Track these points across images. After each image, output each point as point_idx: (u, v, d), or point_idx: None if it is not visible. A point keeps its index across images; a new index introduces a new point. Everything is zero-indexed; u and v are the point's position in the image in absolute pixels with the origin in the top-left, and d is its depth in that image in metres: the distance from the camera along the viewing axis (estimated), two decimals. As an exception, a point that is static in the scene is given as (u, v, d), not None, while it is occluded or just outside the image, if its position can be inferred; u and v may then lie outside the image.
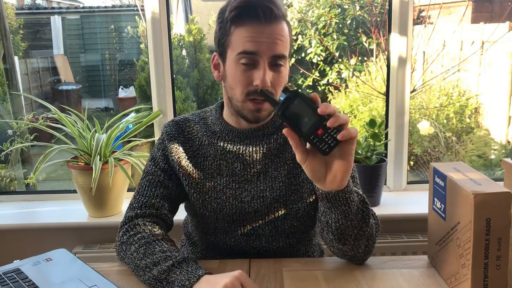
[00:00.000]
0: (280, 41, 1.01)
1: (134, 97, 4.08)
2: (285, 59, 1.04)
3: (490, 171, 3.14)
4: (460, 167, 0.98)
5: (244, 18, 1.01)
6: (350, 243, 0.99)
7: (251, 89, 1.02)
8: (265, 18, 1.00)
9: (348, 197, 0.92)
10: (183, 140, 1.14)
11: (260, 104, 1.03)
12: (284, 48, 1.02)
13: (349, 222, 0.95)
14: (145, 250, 0.99)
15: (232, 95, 1.06)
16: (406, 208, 1.86)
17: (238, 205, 1.10)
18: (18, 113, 2.67)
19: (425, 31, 3.02)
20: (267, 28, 1.00)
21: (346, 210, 0.93)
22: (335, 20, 4.16)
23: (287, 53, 1.04)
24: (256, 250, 1.13)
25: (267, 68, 1.01)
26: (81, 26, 5.02)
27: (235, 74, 1.03)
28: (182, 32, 4.01)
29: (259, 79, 1.00)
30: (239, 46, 1.01)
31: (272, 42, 1.00)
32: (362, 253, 1.03)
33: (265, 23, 1.00)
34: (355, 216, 0.95)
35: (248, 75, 1.02)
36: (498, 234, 0.85)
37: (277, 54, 1.01)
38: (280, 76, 1.04)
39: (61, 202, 2.04)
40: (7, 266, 1.04)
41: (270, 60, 1.01)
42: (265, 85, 1.00)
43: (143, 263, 0.97)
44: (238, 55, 1.02)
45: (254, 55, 1.00)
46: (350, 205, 0.93)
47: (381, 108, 3.41)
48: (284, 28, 1.03)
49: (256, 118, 1.06)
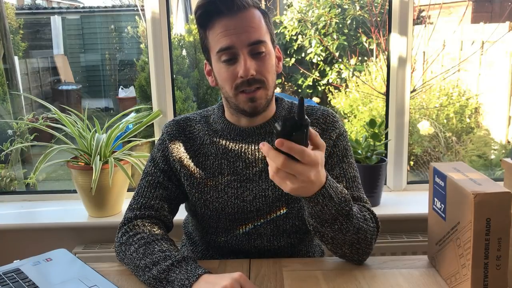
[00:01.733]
0: (251, 27, 1.02)
1: (134, 97, 4.08)
2: (264, 44, 1.03)
3: (490, 171, 3.14)
4: (460, 167, 0.98)
5: (211, 18, 1.03)
6: (329, 242, 0.97)
7: (238, 82, 1.03)
8: (228, 10, 1.01)
9: (313, 206, 0.89)
10: (184, 139, 1.14)
11: (252, 93, 1.04)
12: (258, 34, 1.03)
13: (317, 224, 0.93)
14: (144, 250, 0.99)
15: (226, 94, 1.08)
16: (406, 208, 1.86)
17: (240, 204, 1.10)
18: (18, 113, 2.67)
19: (425, 31, 3.02)
20: (234, 19, 1.02)
21: (312, 213, 0.91)
22: (335, 20, 4.16)
23: (264, 38, 1.04)
24: (257, 249, 1.13)
25: (248, 58, 1.02)
26: (81, 26, 5.02)
27: (220, 73, 1.05)
28: (182, 32, 4.01)
29: (241, 69, 1.01)
30: (215, 45, 1.04)
31: (243, 32, 1.01)
32: (352, 254, 1.01)
33: (230, 15, 1.01)
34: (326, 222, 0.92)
35: (231, 70, 1.03)
36: (498, 234, 0.85)
37: (252, 41, 1.01)
38: (265, 62, 1.04)
39: (61, 202, 2.04)
40: (7, 266, 1.04)
41: (248, 49, 1.02)
42: (248, 73, 1.01)
43: (143, 263, 0.97)
44: (217, 54, 1.04)
45: (231, 49, 1.02)
46: (317, 213, 0.90)
47: (381, 108, 3.41)
48: (254, 15, 1.04)
49: (253, 108, 1.05)
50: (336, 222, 0.92)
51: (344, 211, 0.92)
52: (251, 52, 1.02)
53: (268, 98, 1.07)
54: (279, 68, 1.12)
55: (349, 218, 0.94)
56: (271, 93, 1.08)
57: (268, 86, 1.05)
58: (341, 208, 0.91)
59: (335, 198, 0.89)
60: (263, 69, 1.03)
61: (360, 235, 0.98)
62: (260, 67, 1.03)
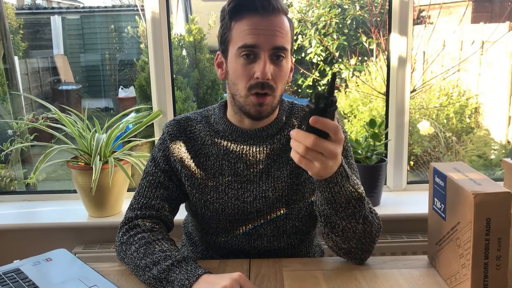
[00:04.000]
0: (279, 32, 1.02)
1: (134, 97, 4.08)
2: (286, 52, 1.03)
3: (490, 171, 3.14)
4: (460, 167, 0.98)
5: (243, 12, 1.02)
6: (339, 234, 0.98)
7: (252, 83, 1.02)
8: (264, 10, 1.01)
9: (332, 187, 0.92)
10: (185, 139, 1.14)
11: (263, 98, 1.03)
12: (284, 41, 1.03)
13: (332, 210, 0.95)
14: (145, 250, 0.99)
15: (235, 91, 1.06)
16: (406, 208, 1.86)
17: (240, 205, 1.10)
18: (18, 113, 2.67)
19: (425, 31, 3.02)
20: (266, 20, 1.01)
21: (329, 197, 0.93)
22: (335, 20, 4.17)
23: (288, 46, 1.04)
24: (257, 250, 1.13)
25: (268, 61, 1.01)
26: (81, 26, 5.02)
27: (236, 69, 1.04)
28: (182, 32, 4.01)
29: (259, 71, 1.01)
30: (239, 40, 1.02)
31: (271, 34, 1.01)
32: (357, 250, 1.02)
33: (263, 15, 1.01)
34: (341, 207, 0.94)
35: (249, 68, 1.02)
36: (498, 234, 0.85)
37: (277, 45, 1.01)
38: (281, 70, 1.04)
39: (61, 202, 2.04)
40: (7, 266, 1.04)
41: (270, 52, 1.01)
42: (265, 77, 1.00)
43: (143, 262, 0.97)
44: (238, 49, 1.02)
45: (254, 48, 1.01)
46: (334, 195, 0.93)
47: (381, 108, 3.41)
48: (284, 21, 1.04)
49: (259, 112, 1.05)
50: (349, 206, 0.95)
51: (357, 194, 0.95)
52: (272, 55, 1.02)
53: (273, 106, 1.07)
54: (289, 78, 1.11)
55: (361, 201, 0.96)
56: (277, 102, 1.07)
57: (276, 94, 1.05)
58: (355, 189, 0.94)
59: (350, 178, 0.93)
60: (278, 76, 1.03)
61: (367, 227, 0.99)
62: (276, 73, 1.03)
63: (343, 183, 0.92)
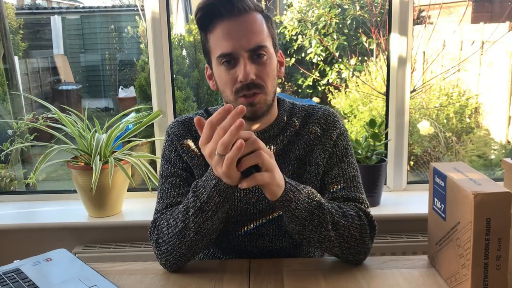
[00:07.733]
0: (251, 32, 1.01)
1: (134, 97, 4.08)
2: (265, 49, 1.03)
3: (490, 171, 3.14)
4: (460, 167, 0.98)
5: (213, 21, 1.02)
6: (318, 246, 1.00)
7: (238, 86, 1.02)
8: (230, 14, 1.00)
9: (288, 205, 0.93)
10: (192, 138, 1.13)
11: (251, 98, 1.03)
12: (260, 39, 1.02)
13: (300, 227, 0.96)
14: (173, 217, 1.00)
15: (225, 99, 1.07)
16: (406, 208, 1.86)
17: (243, 207, 1.10)
18: (18, 113, 2.67)
19: (425, 31, 3.02)
20: (236, 23, 1.01)
21: (291, 216, 0.95)
22: (335, 20, 4.17)
23: (265, 43, 1.03)
24: (259, 249, 1.13)
25: (248, 62, 1.01)
26: (81, 26, 5.02)
27: (221, 77, 1.05)
28: (182, 32, 4.01)
29: (241, 73, 1.00)
30: (217, 49, 1.03)
31: (244, 36, 1.00)
32: (346, 254, 1.02)
33: (231, 19, 1.01)
34: (306, 221, 0.95)
35: (232, 73, 1.02)
36: (498, 234, 0.85)
37: (251, 47, 1.01)
38: (265, 67, 1.03)
39: (61, 202, 2.04)
40: (7, 266, 1.04)
41: (249, 54, 1.01)
42: (247, 78, 1.00)
43: (180, 221, 0.97)
44: (217, 58, 1.03)
45: (232, 54, 1.01)
46: (294, 212, 0.94)
47: (381, 108, 3.41)
48: (256, 19, 1.03)
49: (253, 112, 1.04)
50: (314, 217, 0.95)
51: (315, 203, 0.96)
52: (252, 56, 1.01)
53: (267, 103, 1.06)
54: (281, 73, 1.11)
55: (323, 209, 0.97)
56: (270, 98, 1.07)
57: (267, 91, 1.04)
58: (311, 200, 0.95)
59: (301, 191, 0.95)
60: (263, 73, 1.03)
61: (343, 232, 0.99)
62: (260, 71, 1.02)
63: (297, 198, 0.93)
